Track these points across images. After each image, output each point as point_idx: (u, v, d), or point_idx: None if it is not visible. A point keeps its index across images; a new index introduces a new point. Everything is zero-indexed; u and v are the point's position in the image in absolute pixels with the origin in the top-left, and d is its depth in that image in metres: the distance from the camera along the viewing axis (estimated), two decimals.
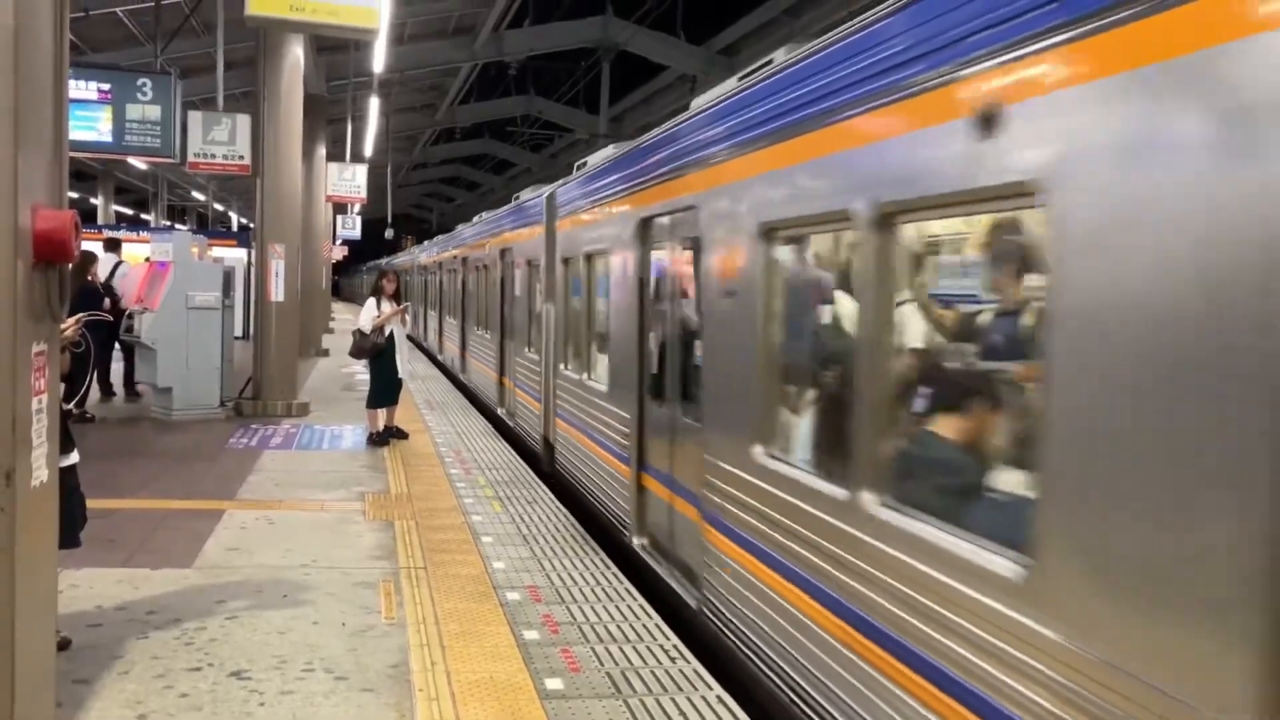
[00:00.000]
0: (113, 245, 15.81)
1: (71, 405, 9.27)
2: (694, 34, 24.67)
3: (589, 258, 8.99)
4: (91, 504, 5.32)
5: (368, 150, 28.99)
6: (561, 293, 10.10)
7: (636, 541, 7.18)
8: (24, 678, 3.00)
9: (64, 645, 4.78)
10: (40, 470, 3.06)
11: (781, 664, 4.47)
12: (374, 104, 23.50)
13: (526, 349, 11.98)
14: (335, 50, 22.22)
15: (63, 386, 4.93)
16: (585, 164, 10.06)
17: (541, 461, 10.75)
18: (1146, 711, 2.39)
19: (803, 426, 4.85)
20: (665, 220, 6.69)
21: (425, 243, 33.59)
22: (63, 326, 4.40)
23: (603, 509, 8.19)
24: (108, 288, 13.68)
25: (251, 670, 4.82)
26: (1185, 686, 2.31)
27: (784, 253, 4.92)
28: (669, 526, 6.56)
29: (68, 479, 4.70)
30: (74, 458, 4.95)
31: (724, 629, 5.27)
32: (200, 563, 6.60)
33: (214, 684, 4.65)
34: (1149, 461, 2.42)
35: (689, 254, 6.20)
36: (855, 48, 3.93)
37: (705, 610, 5.57)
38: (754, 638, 4.84)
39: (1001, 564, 2.97)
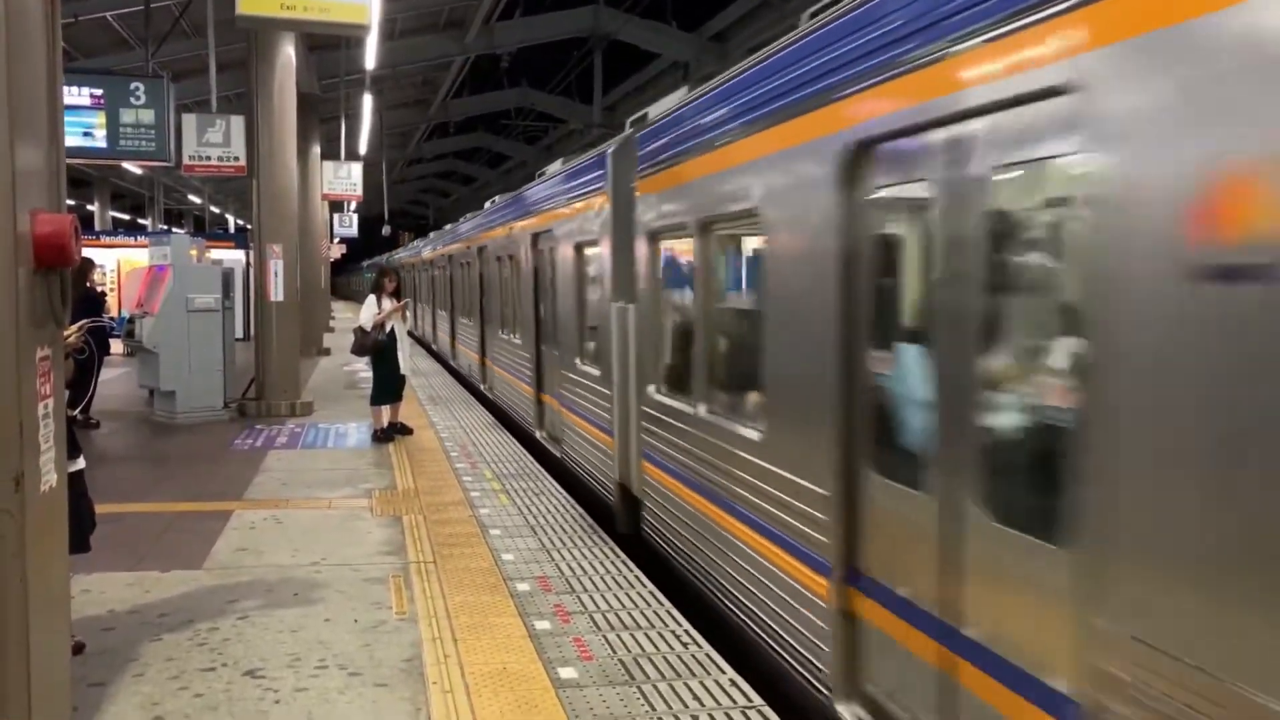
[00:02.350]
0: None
1: (76, 411, 9.26)
2: (685, 21, 24.63)
3: (709, 228, 6.00)
4: (100, 509, 5.33)
5: (362, 147, 28.96)
6: (650, 285, 7.16)
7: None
8: (39, 682, 3.01)
9: (78, 649, 4.80)
10: (49, 474, 3.06)
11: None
12: (367, 101, 23.45)
13: (580, 361, 9.40)
14: (327, 48, 22.16)
15: (66, 393, 4.95)
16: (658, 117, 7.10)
17: (615, 518, 7.91)
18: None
19: None
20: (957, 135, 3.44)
21: (432, 234, 30.37)
22: (65, 333, 4.42)
23: (765, 635, 5.10)
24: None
25: (265, 669, 4.84)
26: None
27: None
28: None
29: (75, 484, 4.71)
30: (80, 463, 4.96)
31: None
32: (210, 564, 6.61)
33: (228, 683, 4.66)
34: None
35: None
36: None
37: None
38: None
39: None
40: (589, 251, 9.18)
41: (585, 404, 9.15)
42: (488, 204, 17.35)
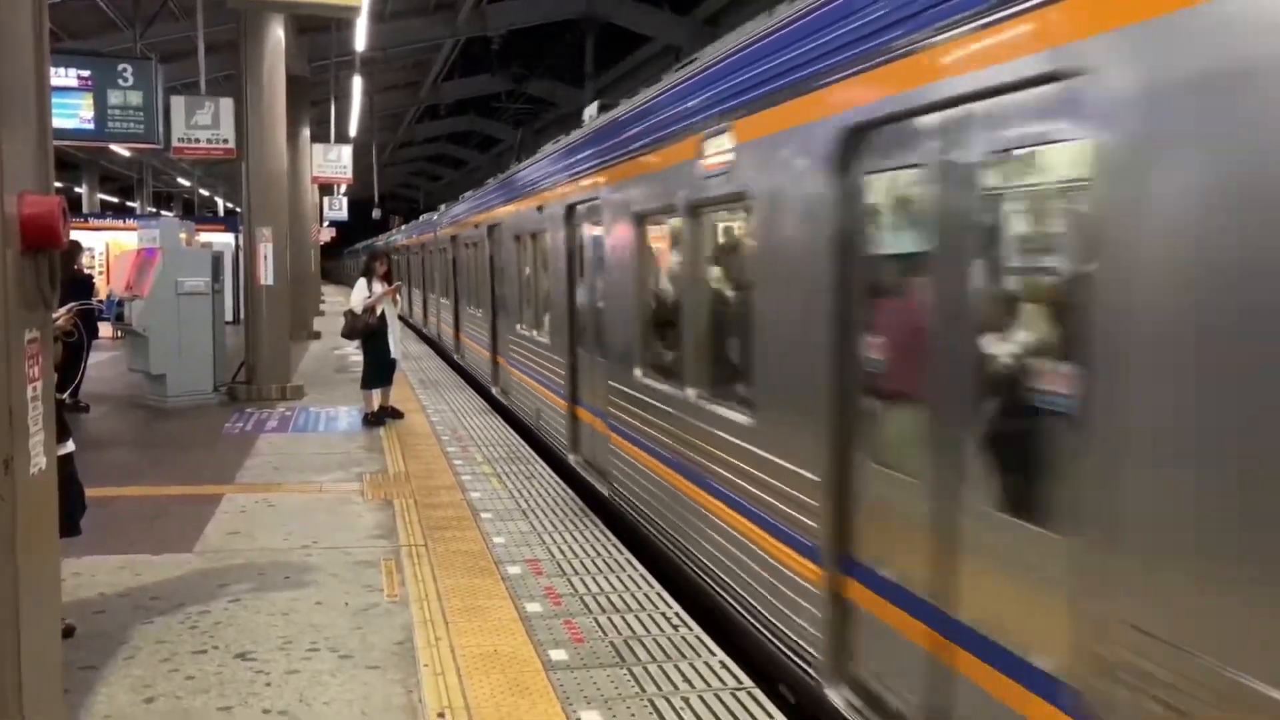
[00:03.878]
0: None
1: (65, 395, 9.26)
2: (678, 4, 24.50)
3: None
4: (90, 493, 5.33)
5: (352, 130, 28.82)
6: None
7: None
8: (31, 665, 3.01)
9: (69, 633, 4.80)
10: (38, 457, 3.05)
11: None
12: (357, 83, 23.32)
13: (644, 373, 6.90)
14: (317, 30, 22.03)
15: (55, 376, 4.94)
16: None
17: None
18: None
19: None
20: None
21: (441, 208, 24.48)
22: (54, 316, 4.41)
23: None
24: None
25: (257, 651, 4.85)
26: None
27: None
28: None
29: (65, 467, 4.70)
30: (69, 446, 4.95)
31: None
32: (201, 547, 6.61)
33: (220, 666, 4.67)
34: None
35: None
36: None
37: None
38: None
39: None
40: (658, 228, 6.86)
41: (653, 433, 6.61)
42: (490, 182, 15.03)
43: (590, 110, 9.20)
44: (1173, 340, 2.49)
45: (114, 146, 18.80)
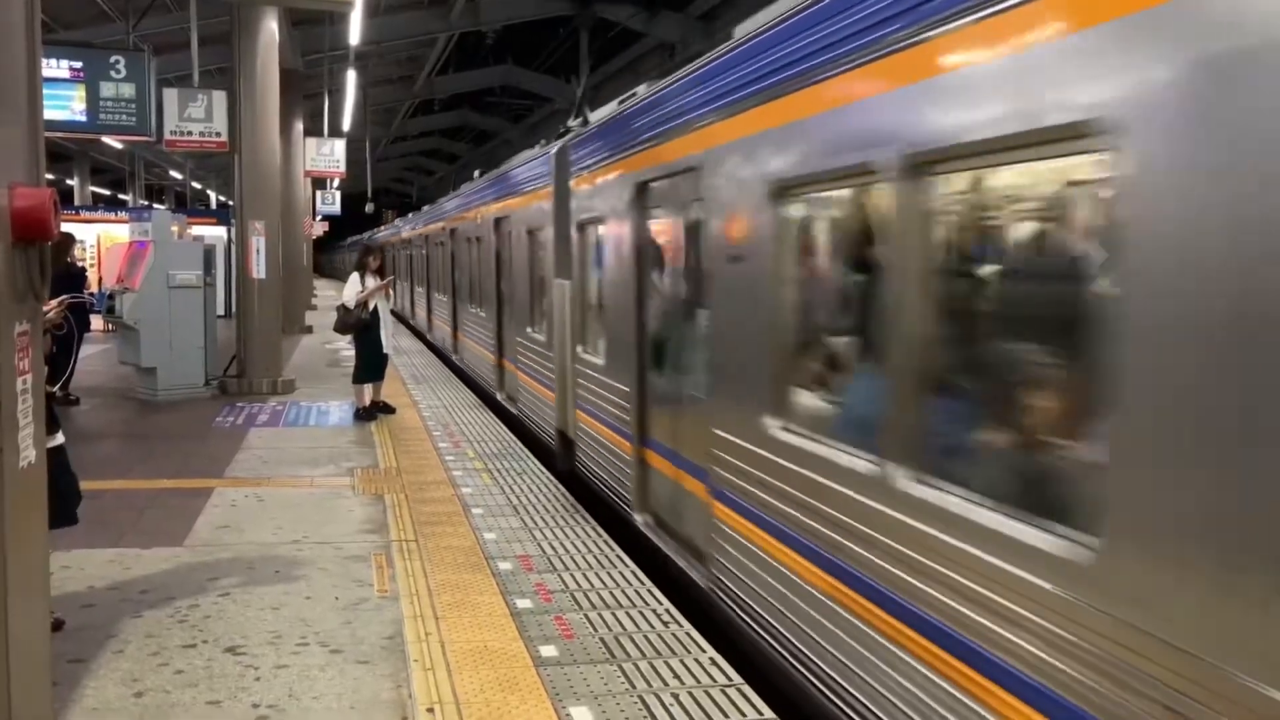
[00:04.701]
0: None
1: (55, 388, 9.22)
2: (672, 0, 24.47)
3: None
4: (80, 486, 5.31)
5: (346, 124, 28.74)
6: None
7: None
8: (19, 658, 3.01)
9: (58, 626, 4.80)
10: (28, 450, 3.05)
11: None
12: (351, 77, 23.25)
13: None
14: (311, 23, 21.93)
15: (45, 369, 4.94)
16: None
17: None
18: None
19: None
20: None
21: (462, 189, 18.95)
22: (45, 308, 4.41)
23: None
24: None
25: (246, 646, 4.84)
26: None
27: None
28: None
29: (55, 459, 4.71)
30: (59, 439, 4.95)
31: None
32: (191, 541, 6.60)
33: (209, 660, 4.67)
34: None
35: None
36: None
37: None
38: None
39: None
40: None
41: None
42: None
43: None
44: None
45: (106, 139, 18.72)
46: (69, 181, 36.10)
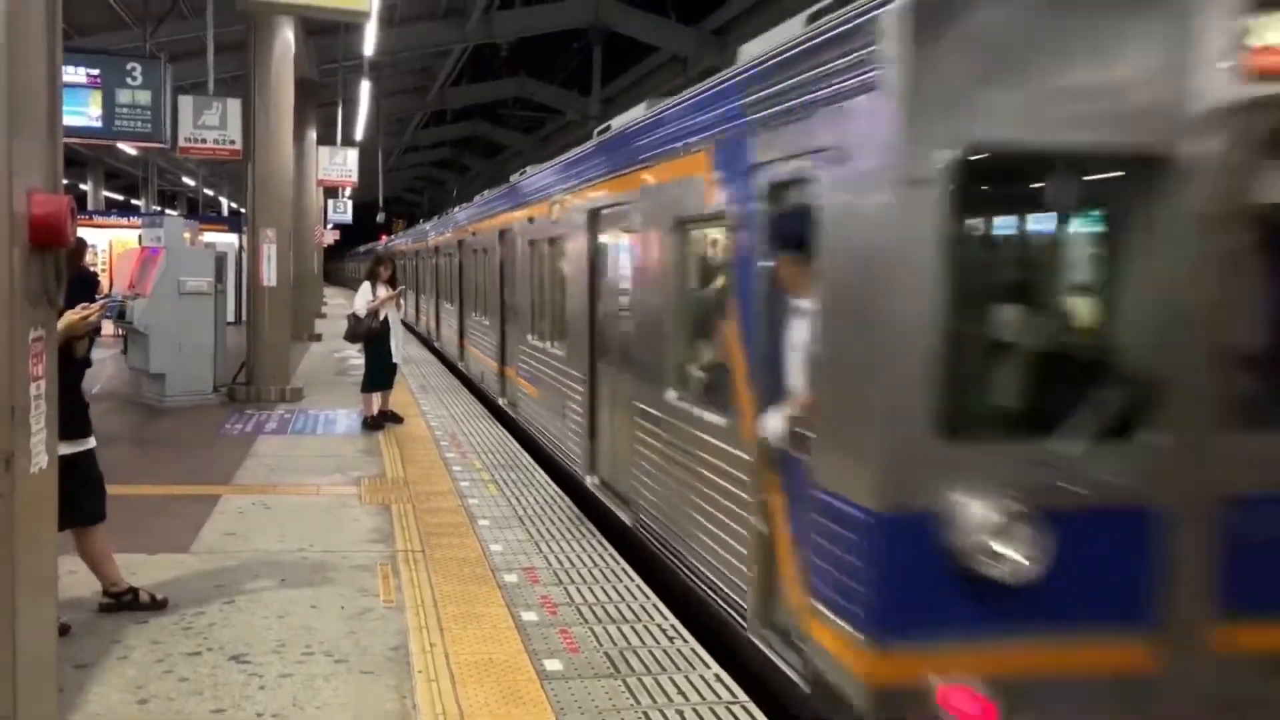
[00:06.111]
0: None
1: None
2: (686, 14, 24.58)
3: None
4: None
5: (359, 134, 28.89)
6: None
7: None
8: (25, 663, 3.01)
9: (64, 630, 4.80)
10: (39, 456, 3.05)
11: None
12: (365, 87, 23.39)
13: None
14: (326, 33, 22.08)
15: (81, 371, 5.20)
16: None
17: None
18: None
19: None
20: None
21: (492, 191, 15.80)
22: (87, 313, 4.61)
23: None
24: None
25: (251, 654, 4.84)
26: None
27: None
28: None
29: (88, 460, 5.30)
30: (91, 443, 5.23)
31: None
32: (197, 548, 6.61)
33: (214, 668, 4.67)
34: None
35: None
36: None
37: None
38: None
39: None
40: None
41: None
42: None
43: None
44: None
45: (120, 144, 18.83)
46: (83, 186, 36.30)
